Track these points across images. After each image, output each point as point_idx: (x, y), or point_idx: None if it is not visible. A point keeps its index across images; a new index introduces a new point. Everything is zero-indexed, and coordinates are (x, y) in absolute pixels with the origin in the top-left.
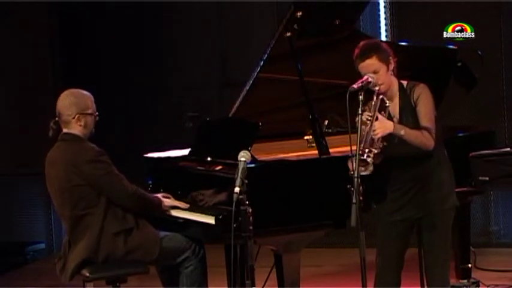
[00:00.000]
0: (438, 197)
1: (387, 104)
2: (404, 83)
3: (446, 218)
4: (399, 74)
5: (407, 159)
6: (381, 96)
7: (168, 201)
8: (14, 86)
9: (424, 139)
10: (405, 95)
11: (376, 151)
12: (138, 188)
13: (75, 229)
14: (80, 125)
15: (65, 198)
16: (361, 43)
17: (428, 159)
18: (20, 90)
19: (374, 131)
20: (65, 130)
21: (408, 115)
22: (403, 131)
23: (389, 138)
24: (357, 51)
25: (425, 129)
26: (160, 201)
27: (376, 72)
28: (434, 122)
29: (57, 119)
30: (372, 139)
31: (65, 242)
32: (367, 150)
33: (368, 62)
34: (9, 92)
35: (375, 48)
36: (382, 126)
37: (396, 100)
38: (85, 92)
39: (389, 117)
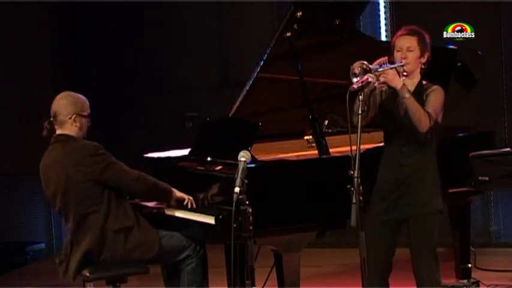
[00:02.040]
0: (422, 200)
1: (403, 79)
2: (424, 82)
3: (430, 220)
4: None
5: (400, 148)
6: (403, 68)
7: (179, 193)
8: (13, 85)
9: (423, 116)
10: (420, 90)
11: (376, 84)
12: (141, 172)
13: (79, 229)
14: (76, 126)
15: (70, 197)
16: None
17: (416, 159)
18: (19, 90)
19: (385, 74)
20: (58, 131)
21: None
22: (408, 95)
23: (394, 109)
24: (403, 29)
25: (427, 112)
26: (170, 187)
27: (410, 50)
28: (437, 114)
29: (51, 119)
30: (377, 79)
31: (66, 243)
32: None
33: (408, 37)
34: (9, 91)
35: (420, 34)
36: (393, 76)
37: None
38: (80, 95)
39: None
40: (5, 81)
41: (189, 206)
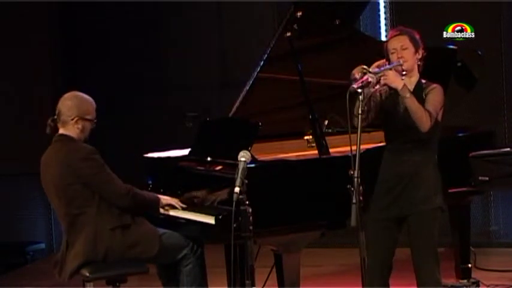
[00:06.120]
0: (423, 197)
1: (403, 78)
2: (423, 81)
3: (431, 218)
4: None
5: (400, 147)
6: (401, 67)
7: (166, 198)
8: (14, 85)
9: (424, 115)
10: (419, 89)
11: (375, 87)
12: (132, 188)
13: (72, 229)
14: (78, 128)
15: (61, 197)
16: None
17: (417, 157)
18: (20, 90)
19: (385, 76)
20: (61, 131)
21: None
22: (409, 94)
23: (394, 108)
24: (391, 32)
25: (427, 111)
26: (157, 199)
27: (404, 48)
28: (437, 113)
29: (55, 117)
30: (377, 81)
31: (63, 244)
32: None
33: (399, 37)
34: (9, 91)
35: (409, 31)
36: (394, 77)
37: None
38: (88, 97)
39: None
40: (5, 81)
41: (179, 208)
